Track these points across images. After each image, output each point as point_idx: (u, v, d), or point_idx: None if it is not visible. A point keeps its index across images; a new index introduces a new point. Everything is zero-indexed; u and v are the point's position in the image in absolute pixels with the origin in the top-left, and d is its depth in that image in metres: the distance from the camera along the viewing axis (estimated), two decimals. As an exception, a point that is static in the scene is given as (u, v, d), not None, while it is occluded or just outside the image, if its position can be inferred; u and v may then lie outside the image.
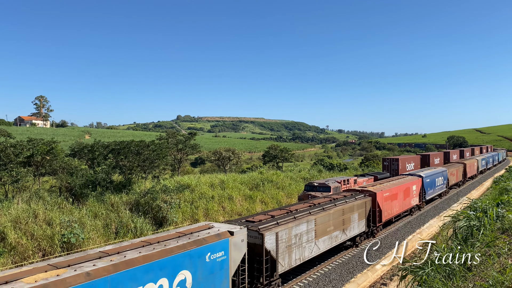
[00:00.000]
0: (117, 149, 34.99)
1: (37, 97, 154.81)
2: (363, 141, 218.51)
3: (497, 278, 8.58)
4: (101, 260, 10.58)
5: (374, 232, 26.49)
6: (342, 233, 21.84)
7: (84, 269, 9.81)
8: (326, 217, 20.20)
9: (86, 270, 9.79)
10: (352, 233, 23.08)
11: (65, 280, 9.13)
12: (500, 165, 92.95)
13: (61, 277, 9.27)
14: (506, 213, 14.80)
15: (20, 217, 21.75)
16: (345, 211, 22.08)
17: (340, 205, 21.94)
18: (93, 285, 9.53)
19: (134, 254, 11.15)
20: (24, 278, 9.08)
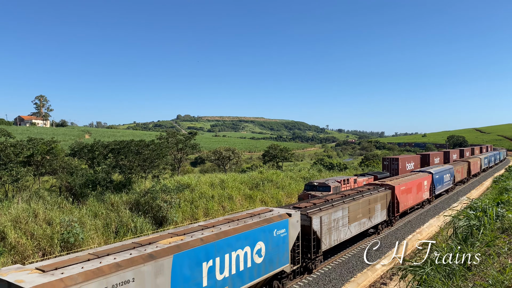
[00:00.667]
0: (117, 148, 34.98)
1: (37, 96, 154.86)
2: (363, 141, 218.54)
3: (497, 278, 8.59)
4: (204, 231, 14.00)
5: (392, 221, 29.57)
6: (368, 220, 25.05)
7: (198, 236, 13.25)
8: (356, 205, 23.33)
9: (199, 237, 13.24)
10: (376, 221, 26.21)
11: (188, 243, 12.59)
12: (500, 164, 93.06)
13: (184, 241, 12.70)
14: (506, 212, 14.81)
15: (20, 217, 21.75)
16: (370, 202, 25.21)
17: (366, 196, 25.10)
18: (206, 248, 12.97)
19: (225, 228, 14.56)
20: (160, 241, 12.49)
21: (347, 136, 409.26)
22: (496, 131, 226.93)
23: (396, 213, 29.53)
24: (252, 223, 15.56)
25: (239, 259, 14.43)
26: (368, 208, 24.90)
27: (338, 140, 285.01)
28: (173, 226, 26.92)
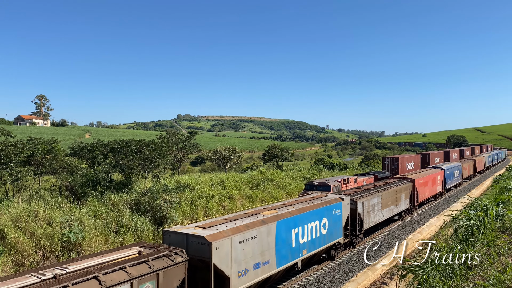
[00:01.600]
0: (117, 148, 34.98)
1: (37, 96, 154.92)
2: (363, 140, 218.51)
3: (497, 277, 8.59)
4: (288, 207, 18.70)
5: (412, 210, 34.25)
6: (395, 207, 29.97)
7: (286, 210, 17.89)
8: (387, 194, 28.26)
9: (288, 211, 17.85)
10: (401, 208, 31.21)
11: (283, 214, 17.24)
12: (501, 164, 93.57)
13: (279, 213, 17.35)
14: (506, 212, 14.81)
15: (21, 216, 21.75)
16: (397, 192, 30.14)
17: (394, 187, 30.04)
18: (294, 219, 17.61)
19: (301, 205, 19.27)
20: (263, 212, 17.22)
21: (347, 135, 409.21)
22: (496, 131, 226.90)
23: (416, 203, 34.41)
24: (320, 203, 20.33)
25: (312, 229, 19.00)
26: (396, 197, 29.90)
27: (338, 140, 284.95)
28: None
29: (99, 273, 10.16)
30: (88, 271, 10.35)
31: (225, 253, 13.71)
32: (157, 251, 12.40)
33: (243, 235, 14.59)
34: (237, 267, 14.24)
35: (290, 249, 17.35)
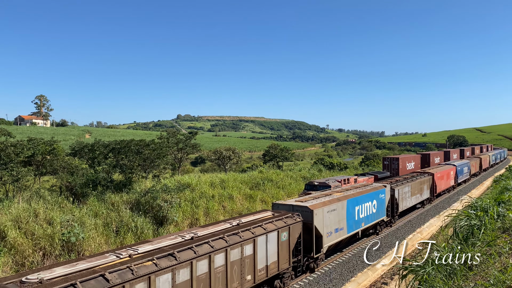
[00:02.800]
0: (117, 148, 34.96)
1: (37, 96, 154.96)
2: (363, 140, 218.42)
3: (498, 277, 8.59)
4: (348, 192, 24.53)
5: (432, 199, 40.19)
6: (420, 196, 35.96)
7: (351, 192, 24.07)
8: (414, 185, 34.14)
9: (352, 193, 23.94)
10: (423, 197, 37.10)
11: (349, 195, 23.00)
12: (501, 164, 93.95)
13: (345, 194, 23.19)
14: (506, 212, 14.80)
15: (21, 216, 21.75)
16: (421, 183, 36.09)
17: (418, 179, 35.94)
18: (356, 199, 23.29)
19: (357, 191, 24.97)
20: (334, 193, 22.96)
21: (347, 135, 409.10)
22: (497, 131, 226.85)
23: (434, 193, 40.03)
24: (371, 188, 26.67)
25: (367, 208, 24.64)
26: (420, 187, 35.66)
27: (338, 140, 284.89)
28: (173, 225, 26.93)
29: (262, 223, 16.46)
30: (254, 222, 16.67)
31: (320, 218, 19.53)
32: (285, 213, 18.39)
33: (329, 207, 20.44)
34: (326, 229, 20.03)
35: (354, 221, 23.20)
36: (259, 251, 15.53)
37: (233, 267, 14.16)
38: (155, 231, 25.42)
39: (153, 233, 24.98)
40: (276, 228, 16.56)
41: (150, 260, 11.33)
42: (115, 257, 11.41)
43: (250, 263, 15.07)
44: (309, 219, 18.85)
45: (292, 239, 17.66)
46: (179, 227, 27.30)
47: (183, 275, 12.02)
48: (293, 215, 18.14)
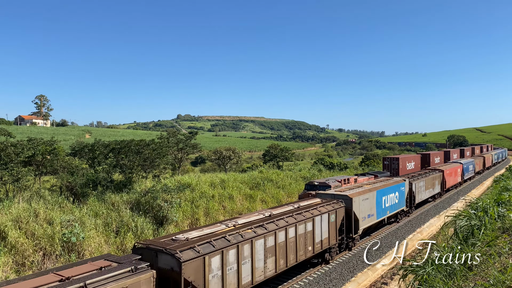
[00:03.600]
0: (117, 148, 34.96)
1: (37, 96, 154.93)
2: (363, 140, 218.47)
3: (498, 278, 8.59)
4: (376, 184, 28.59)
5: (442, 194, 43.98)
6: (432, 190, 39.61)
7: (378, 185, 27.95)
8: (428, 180, 38.36)
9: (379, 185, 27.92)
10: (435, 191, 40.74)
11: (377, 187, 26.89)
12: (501, 164, 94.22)
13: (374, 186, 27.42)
14: (506, 212, 14.81)
15: (21, 217, 21.76)
16: (433, 179, 39.93)
17: (431, 175, 39.93)
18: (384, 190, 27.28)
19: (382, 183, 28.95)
20: (365, 185, 28.10)
21: (347, 135, 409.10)
22: (497, 131, 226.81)
23: (444, 188, 43.93)
24: (393, 181, 30.74)
25: (391, 198, 28.64)
26: (433, 182, 39.54)
27: (338, 140, 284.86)
28: (173, 225, 26.94)
29: (317, 207, 20.56)
30: (310, 206, 20.86)
31: (357, 205, 23.43)
32: (330, 200, 22.56)
33: (363, 196, 24.51)
34: (361, 214, 24.00)
35: (381, 209, 27.13)
36: (316, 228, 19.75)
37: (300, 239, 18.39)
38: (155, 231, 25.43)
39: (153, 233, 24.99)
40: (327, 211, 20.80)
41: (250, 229, 15.77)
42: (224, 226, 16.08)
43: (310, 237, 19.33)
44: (349, 206, 22.89)
45: (338, 220, 21.84)
46: (179, 227, 27.31)
47: (270, 241, 16.50)
48: (337, 201, 22.39)
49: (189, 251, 12.84)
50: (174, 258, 12.39)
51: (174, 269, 12.44)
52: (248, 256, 15.19)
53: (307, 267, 20.69)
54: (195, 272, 12.78)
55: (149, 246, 13.22)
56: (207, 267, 13.17)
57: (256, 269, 15.60)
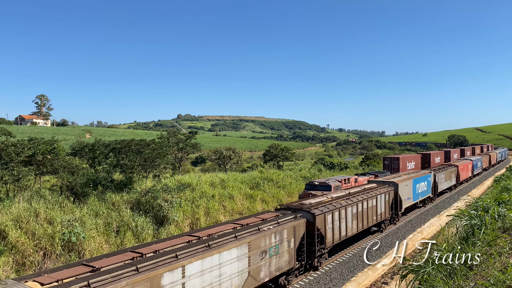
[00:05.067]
0: (118, 148, 34.97)
1: (38, 96, 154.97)
2: (364, 140, 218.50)
3: (498, 277, 8.59)
4: (411, 174, 36.96)
5: (457, 186, 50.88)
6: (449, 182, 46.66)
7: (412, 175, 35.12)
8: (447, 173, 45.15)
9: (413, 176, 34.94)
10: (452, 183, 47.77)
11: (412, 176, 34.31)
12: (501, 164, 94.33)
13: (409, 176, 34.62)
14: (507, 212, 14.80)
15: (21, 216, 21.78)
16: (450, 172, 46.99)
17: (449, 169, 46.99)
18: (417, 179, 34.59)
19: (417, 173, 36.98)
20: (402, 175, 35.63)
21: (347, 135, 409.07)
22: (497, 131, 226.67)
23: (458, 181, 50.54)
24: (423, 173, 37.81)
25: (421, 186, 35.35)
26: (450, 175, 46.66)
27: (338, 140, 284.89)
28: (174, 225, 26.95)
29: (377, 188, 27.84)
30: (371, 188, 27.83)
31: (401, 189, 30.62)
32: (383, 182, 30.71)
33: (405, 183, 31.62)
34: (403, 196, 31.08)
35: (416, 194, 34.09)
36: (378, 204, 26.79)
37: (369, 210, 25.37)
38: (156, 231, 25.44)
39: (153, 233, 25.00)
40: (384, 192, 27.92)
41: (343, 200, 23.17)
42: (325, 198, 23.41)
43: (374, 210, 26.24)
44: (396, 189, 30.00)
45: (389, 200, 28.77)
46: (180, 227, 27.32)
47: (354, 210, 23.41)
48: (389, 185, 29.57)
49: (316, 210, 20.00)
50: (310, 213, 19.53)
51: (309, 220, 19.35)
52: (344, 218, 22.16)
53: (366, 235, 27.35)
54: (321, 223, 19.89)
55: (289, 207, 20.64)
56: (326, 220, 20.38)
57: (347, 227, 22.65)
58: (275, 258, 16.44)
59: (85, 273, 10.68)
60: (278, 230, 16.66)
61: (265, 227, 16.39)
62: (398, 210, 30.34)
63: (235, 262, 14.17)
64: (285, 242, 17.19)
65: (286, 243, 17.26)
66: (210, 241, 13.77)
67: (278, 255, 16.62)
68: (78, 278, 10.35)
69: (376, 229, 28.08)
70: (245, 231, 15.47)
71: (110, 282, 10.18)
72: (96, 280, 10.12)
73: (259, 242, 15.47)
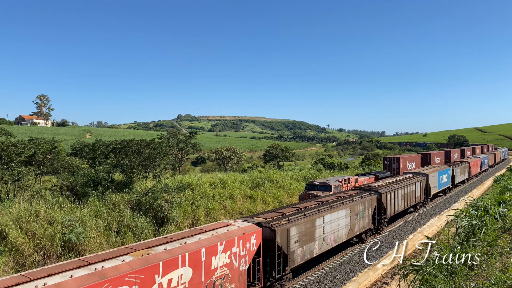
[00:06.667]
0: (118, 148, 34.96)
1: (38, 96, 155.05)
2: (364, 140, 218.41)
3: (499, 277, 8.58)
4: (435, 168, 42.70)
5: (469, 179, 56.40)
6: (463, 176, 52.52)
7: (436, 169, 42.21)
8: (461, 168, 51.14)
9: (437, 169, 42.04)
10: (465, 177, 53.78)
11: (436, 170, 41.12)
12: (501, 164, 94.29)
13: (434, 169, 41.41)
14: (507, 212, 14.79)
15: (22, 216, 21.78)
16: (464, 167, 52.87)
17: (464, 164, 53.08)
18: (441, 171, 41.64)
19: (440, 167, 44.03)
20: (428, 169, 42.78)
21: (348, 135, 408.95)
22: (497, 131, 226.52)
23: (470, 175, 56.49)
24: (444, 167, 44.71)
25: (444, 178, 42.06)
26: (463, 170, 52.49)
27: (339, 140, 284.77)
28: (174, 225, 26.93)
29: (413, 177, 34.96)
30: (407, 178, 34.59)
31: (430, 179, 37.20)
32: (418, 173, 37.25)
33: (433, 174, 38.37)
34: (431, 185, 37.59)
35: (440, 183, 40.75)
36: (415, 189, 33.70)
37: (410, 193, 32.17)
38: (156, 231, 25.43)
39: (153, 233, 24.99)
40: (419, 180, 34.71)
41: (395, 184, 30.17)
42: (382, 183, 30.59)
43: (413, 194, 33.21)
44: (427, 179, 36.68)
45: (422, 187, 35.65)
46: (180, 227, 27.30)
47: (401, 193, 30.17)
48: (422, 176, 36.20)
49: (381, 190, 27.33)
50: (378, 192, 26.68)
51: (377, 197, 26.41)
52: (396, 197, 29.27)
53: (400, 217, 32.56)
54: (385, 199, 27.12)
55: (361, 187, 28.41)
56: (387, 198, 27.57)
57: (398, 204, 29.77)
58: (361, 220, 23.86)
59: (278, 215, 17.97)
60: (363, 201, 24.10)
61: (356, 198, 23.92)
62: (428, 195, 37.56)
63: (343, 218, 21.56)
64: (366, 209, 24.56)
65: (367, 210, 24.61)
66: (332, 203, 21.34)
67: (363, 218, 24.02)
68: (284, 215, 18.00)
69: (412, 210, 34.98)
70: (346, 199, 22.96)
71: (296, 219, 17.60)
72: (289, 215, 18.08)
73: (355, 207, 22.98)
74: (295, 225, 16.89)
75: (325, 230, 19.69)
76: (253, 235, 14.72)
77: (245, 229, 14.56)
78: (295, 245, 16.95)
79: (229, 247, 13.44)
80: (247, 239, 14.34)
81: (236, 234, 13.94)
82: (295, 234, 16.87)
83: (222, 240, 13.16)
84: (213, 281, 12.76)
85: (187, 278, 11.78)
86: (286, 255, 16.34)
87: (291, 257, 16.75)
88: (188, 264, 11.85)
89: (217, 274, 12.92)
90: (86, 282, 9.27)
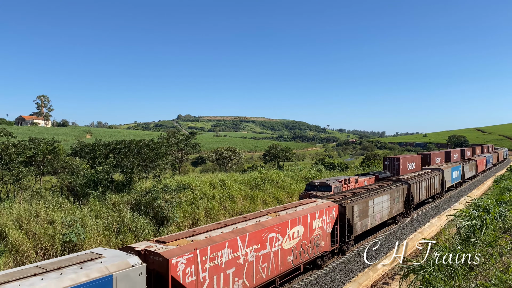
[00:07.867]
0: (118, 148, 34.96)
1: (38, 96, 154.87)
2: (364, 141, 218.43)
3: (499, 277, 8.58)
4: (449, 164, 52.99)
5: (476, 176, 63.01)
6: (471, 172, 58.86)
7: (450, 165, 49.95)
8: (470, 165, 58.27)
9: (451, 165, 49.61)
10: (473, 173, 60.14)
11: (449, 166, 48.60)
12: (501, 164, 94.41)
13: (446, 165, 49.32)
14: (508, 212, 14.78)
15: (22, 217, 21.78)
16: (472, 165, 59.59)
17: (471, 162, 59.76)
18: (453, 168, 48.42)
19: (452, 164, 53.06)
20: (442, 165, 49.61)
21: (348, 136, 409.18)
22: (497, 131, 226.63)
23: (477, 172, 63.25)
24: (455, 163, 52.75)
25: (455, 173, 49.06)
26: (472, 167, 58.66)
27: (339, 140, 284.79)
28: (174, 225, 26.93)
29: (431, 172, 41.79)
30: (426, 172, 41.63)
31: (446, 174, 44.28)
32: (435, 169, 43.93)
33: (448, 169, 45.58)
34: (446, 179, 44.45)
35: (452, 178, 46.86)
36: (434, 182, 38.95)
37: (430, 185, 37.64)
38: (156, 231, 25.42)
39: (153, 234, 24.99)
40: (436, 175, 39.95)
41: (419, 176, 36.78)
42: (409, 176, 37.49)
43: (432, 186, 38.32)
44: (442, 174, 42.51)
45: (439, 180, 40.77)
46: (180, 227, 27.31)
47: (423, 184, 35.90)
48: (438, 171, 41.79)
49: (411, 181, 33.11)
50: (408, 183, 32.24)
51: (407, 187, 31.84)
52: (420, 188, 34.48)
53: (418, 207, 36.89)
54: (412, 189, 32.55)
55: (392, 179, 33.94)
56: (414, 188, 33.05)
57: (422, 194, 35.21)
58: (397, 204, 29.53)
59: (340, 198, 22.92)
60: (397, 189, 29.91)
61: (393, 186, 29.86)
62: (444, 188, 43.28)
63: (385, 202, 27.42)
64: (400, 196, 30.27)
65: (401, 197, 30.38)
66: (377, 190, 27.17)
67: (398, 203, 29.72)
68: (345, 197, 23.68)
69: (430, 201, 40.16)
70: (387, 187, 29.06)
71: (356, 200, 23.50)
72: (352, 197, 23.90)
73: (393, 193, 28.97)
74: (356, 204, 22.91)
75: (374, 210, 25.49)
76: (334, 208, 20.80)
77: (329, 204, 20.59)
78: (357, 219, 22.92)
79: (321, 215, 19.57)
80: (330, 211, 20.40)
81: (324, 206, 20.05)
82: (357, 211, 22.85)
83: (317, 210, 19.39)
84: (313, 237, 18.92)
85: (301, 233, 18.01)
86: (351, 225, 22.39)
87: (355, 227, 22.85)
88: (302, 223, 18.00)
89: (315, 233, 19.06)
90: (254, 229, 15.01)
